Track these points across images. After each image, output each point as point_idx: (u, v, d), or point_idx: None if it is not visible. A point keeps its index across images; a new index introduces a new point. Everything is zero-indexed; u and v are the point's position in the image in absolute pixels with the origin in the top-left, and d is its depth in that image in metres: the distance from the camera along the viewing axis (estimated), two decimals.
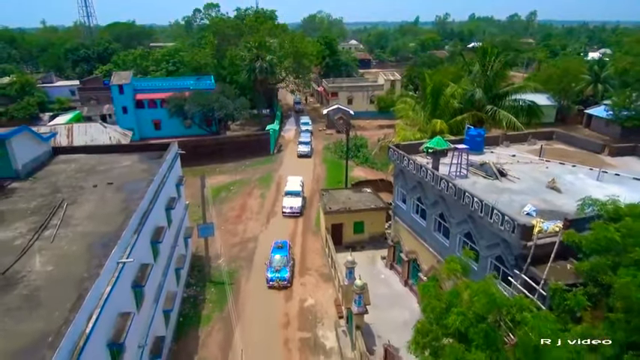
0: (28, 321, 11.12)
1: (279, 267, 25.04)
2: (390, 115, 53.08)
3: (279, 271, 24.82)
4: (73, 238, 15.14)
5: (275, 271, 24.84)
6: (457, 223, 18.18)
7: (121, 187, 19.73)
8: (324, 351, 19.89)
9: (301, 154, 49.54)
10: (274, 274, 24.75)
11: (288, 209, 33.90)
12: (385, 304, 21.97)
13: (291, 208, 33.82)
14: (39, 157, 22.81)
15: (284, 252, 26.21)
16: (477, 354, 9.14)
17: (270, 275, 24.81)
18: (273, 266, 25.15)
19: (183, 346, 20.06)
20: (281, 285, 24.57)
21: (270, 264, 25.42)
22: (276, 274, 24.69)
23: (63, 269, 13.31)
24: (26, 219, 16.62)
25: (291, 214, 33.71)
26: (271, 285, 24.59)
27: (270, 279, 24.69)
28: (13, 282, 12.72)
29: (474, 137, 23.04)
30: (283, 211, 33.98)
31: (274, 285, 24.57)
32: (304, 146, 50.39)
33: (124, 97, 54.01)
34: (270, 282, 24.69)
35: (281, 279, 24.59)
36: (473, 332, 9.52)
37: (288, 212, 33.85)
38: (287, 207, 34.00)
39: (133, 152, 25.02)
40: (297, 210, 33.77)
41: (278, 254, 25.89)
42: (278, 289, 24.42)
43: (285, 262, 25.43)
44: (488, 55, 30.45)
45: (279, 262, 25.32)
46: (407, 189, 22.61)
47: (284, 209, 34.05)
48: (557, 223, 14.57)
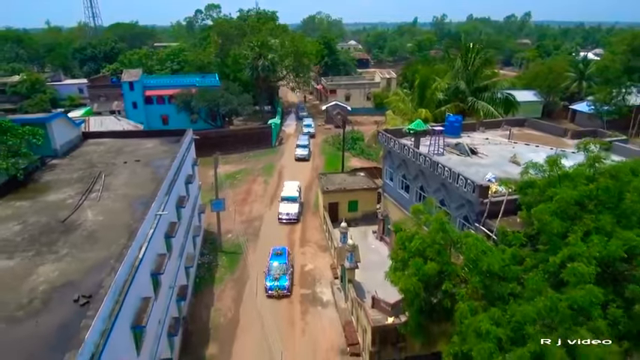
0: (91, 252, 14.42)
1: (278, 275, 23.81)
2: (386, 110, 56.45)
3: (278, 279, 23.63)
4: (115, 199, 18.48)
5: (274, 279, 23.66)
6: (433, 192, 21.52)
7: (147, 164, 23.07)
8: (321, 303, 23.25)
9: (299, 158, 47.74)
10: (273, 282, 23.53)
11: (285, 216, 32.09)
12: (374, 267, 25.00)
13: (288, 215, 32.08)
14: (72, 140, 26.14)
15: (283, 259, 25.00)
16: (431, 264, 12.48)
17: (268, 284, 23.52)
18: (272, 274, 23.92)
19: (200, 299, 23.41)
20: (280, 294, 23.27)
21: (269, 272, 24.17)
22: (275, 283, 23.46)
23: (112, 219, 16.64)
24: (72, 186, 19.95)
25: (288, 221, 32.00)
26: (270, 294, 23.28)
27: (269, 288, 23.40)
28: (73, 228, 16.04)
29: (452, 123, 26.41)
30: (279, 218, 32.17)
31: (273, 294, 23.26)
32: (302, 149, 48.59)
33: (134, 94, 57.35)
34: (269, 291, 23.35)
35: (280, 287, 23.34)
36: (429, 251, 12.84)
37: (285, 219, 32.05)
38: (283, 213, 32.17)
39: (154, 137, 28.36)
40: (293, 217, 32.07)
41: (276, 261, 24.70)
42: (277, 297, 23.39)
43: (284, 270, 24.17)
44: (470, 51, 33.80)
45: (277, 270, 24.06)
46: (394, 167, 25.96)
47: (280, 216, 32.20)
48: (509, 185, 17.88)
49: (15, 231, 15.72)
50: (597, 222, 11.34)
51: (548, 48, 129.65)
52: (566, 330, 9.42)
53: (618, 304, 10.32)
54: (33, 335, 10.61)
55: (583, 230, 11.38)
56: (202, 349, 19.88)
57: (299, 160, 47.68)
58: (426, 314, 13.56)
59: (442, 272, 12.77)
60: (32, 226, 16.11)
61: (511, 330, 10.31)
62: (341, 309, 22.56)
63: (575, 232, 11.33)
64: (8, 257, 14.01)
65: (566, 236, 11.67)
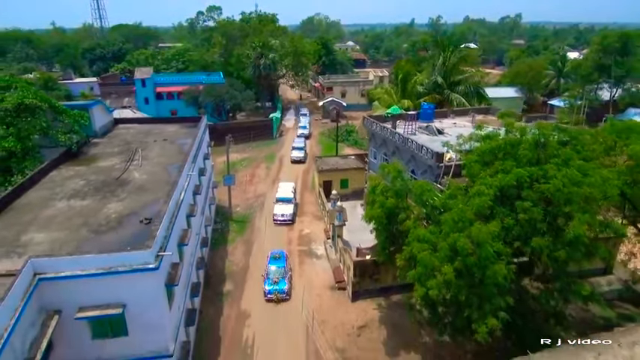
0: (144, 196, 19.46)
1: (277, 279, 23.75)
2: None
3: (277, 283, 23.59)
4: (153, 165, 23.54)
5: (273, 283, 23.59)
6: (406, 163, 26.62)
7: (173, 142, 28.14)
8: (316, 256, 28.30)
9: (295, 160, 46.88)
10: (272, 286, 23.40)
11: (280, 217, 32.08)
12: (360, 231, 30.00)
13: (283, 216, 32.11)
14: (107, 124, 31.18)
15: (281, 263, 25.07)
16: (391, 200, 17.53)
17: (267, 288, 23.36)
18: (271, 278, 23.84)
19: (217, 254, 28.45)
20: (280, 298, 23.02)
21: (267, 276, 24.15)
22: (274, 287, 23.35)
23: (154, 177, 21.69)
24: (116, 157, 24.99)
25: (283, 222, 32.01)
26: (269, 298, 23.07)
27: (268, 292, 23.20)
28: (126, 183, 21.08)
29: (426, 110, 31.54)
30: (274, 219, 32.19)
31: (272, 298, 23.02)
32: (298, 152, 47.88)
33: (146, 90, 62.48)
34: (268, 295, 23.13)
35: (279, 291, 23.17)
36: (390, 192, 17.86)
37: (280, 220, 32.01)
38: (278, 214, 32.18)
39: (174, 123, 33.43)
40: (288, 217, 32.12)
41: (274, 265, 24.70)
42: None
43: (282, 274, 24.12)
44: (446, 49, 38.95)
45: (276, 274, 24.01)
46: (376, 147, 31.07)
47: (275, 217, 32.24)
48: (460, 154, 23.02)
49: (81, 184, 20.77)
50: (502, 165, 16.34)
51: (537, 48, 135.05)
52: (470, 228, 14.35)
53: (512, 217, 15.31)
54: (117, 240, 15.62)
55: (493, 170, 16.38)
56: (220, 287, 24.94)
57: (295, 162, 46.89)
58: (389, 240, 18.63)
59: (398, 207, 17.80)
60: (93, 182, 21.15)
61: (439, 235, 15.36)
62: (332, 259, 27.60)
63: (486, 171, 16.35)
64: (82, 199, 19.07)
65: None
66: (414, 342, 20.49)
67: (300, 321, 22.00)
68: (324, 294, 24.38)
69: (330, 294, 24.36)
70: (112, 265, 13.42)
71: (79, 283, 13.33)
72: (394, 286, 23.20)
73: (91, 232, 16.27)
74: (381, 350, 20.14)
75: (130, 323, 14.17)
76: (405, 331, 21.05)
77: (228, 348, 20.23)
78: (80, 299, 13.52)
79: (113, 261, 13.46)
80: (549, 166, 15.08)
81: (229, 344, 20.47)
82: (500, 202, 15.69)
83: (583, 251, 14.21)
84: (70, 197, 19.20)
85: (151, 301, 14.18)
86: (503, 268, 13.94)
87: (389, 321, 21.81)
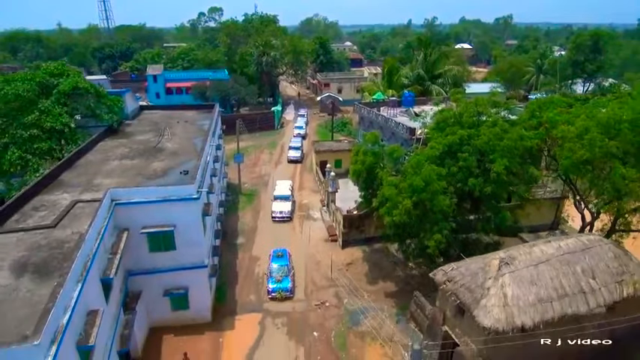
0: (178, 159, 24.85)
1: (281, 277, 23.89)
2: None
3: (280, 281, 23.69)
4: (180, 139, 28.97)
5: (276, 281, 23.71)
6: (387, 139, 32.09)
7: (193, 123, 33.58)
8: (312, 219, 33.77)
9: (291, 160, 46.83)
10: (276, 284, 23.54)
11: (278, 214, 32.84)
12: (350, 200, 35.48)
13: (281, 213, 32.91)
14: (135, 110, 36.59)
15: (284, 261, 25.19)
16: (369, 158, 22.95)
17: (271, 286, 23.46)
18: (274, 276, 23.99)
19: (230, 218, 33.92)
20: (284, 296, 23.11)
21: (270, 274, 24.27)
22: (278, 285, 23.47)
23: (183, 147, 27.10)
24: (148, 133, 30.38)
25: (281, 219, 32.78)
26: (273, 296, 23.15)
27: (272, 290, 23.32)
28: (161, 150, 26.48)
29: (407, 97, 37.06)
30: (273, 216, 32.99)
31: (276, 296, 23.11)
32: (295, 151, 47.85)
33: (157, 85, 67.91)
34: (271, 293, 23.21)
35: (283, 289, 23.26)
36: (369, 153, 23.32)
37: (278, 217, 32.75)
38: (276, 211, 32.95)
39: (190, 109, 38.87)
40: (286, 214, 32.90)
41: (277, 263, 24.82)
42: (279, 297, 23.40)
43: (286, 272, 24.28)
44: (427, 47, 44.46)
45: (279, 272, 24.18)
46: (365, 128, 36.55)
47: (273, 214, 33.02)
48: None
49: (127, 151, 26.19)
50: (451, 130, 21.82)
51: (527, 47, 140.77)
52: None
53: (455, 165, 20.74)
54: (165, 184, 21.01)
55: (445, 134, 21.91)
56: (235, 240, 30.43)
57: (292, 162, 46.95)
58: (369, 193, 24.09)
59: (376, 163, 23.24)
60: (136, 149, 26.56)
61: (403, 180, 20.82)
62: (326, 221, 33.04)
63: (440, 135, 21.90)
64: (131, 160, 24.48)
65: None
66: (389, 275, 26.00)
67: (301, 263, 27.38)
68: (319, 245, 29.88)
69: (324, 244, 29.87)
70: (166, 195, 18.86)
71: (142, 207, 18.74)
72: (376, 237, 28.66)
73: (144, 178, 21.68)
74: (364, 280, 25.62)
75: (178, 239, 19.56)
76: (383, 268, 26.56)
77: (245, 277, 25.77)
78: (143, 220, 18.92)
79: (168, 192, 18.91)
80: (482, 128, 20.57)
81: (245, 275, 26.00)
82: (448, 156, 21.15)
83: (504, 188, 19.68)
84: (121, 158, 24.64)
85: (193, 223, 19.61)
86: (447, 199, 19.41)
87: (371, 260, 27.33)
